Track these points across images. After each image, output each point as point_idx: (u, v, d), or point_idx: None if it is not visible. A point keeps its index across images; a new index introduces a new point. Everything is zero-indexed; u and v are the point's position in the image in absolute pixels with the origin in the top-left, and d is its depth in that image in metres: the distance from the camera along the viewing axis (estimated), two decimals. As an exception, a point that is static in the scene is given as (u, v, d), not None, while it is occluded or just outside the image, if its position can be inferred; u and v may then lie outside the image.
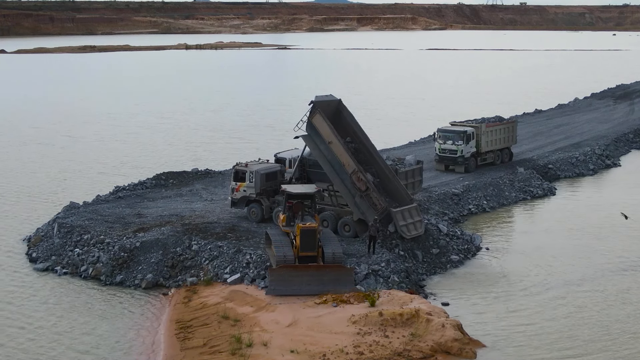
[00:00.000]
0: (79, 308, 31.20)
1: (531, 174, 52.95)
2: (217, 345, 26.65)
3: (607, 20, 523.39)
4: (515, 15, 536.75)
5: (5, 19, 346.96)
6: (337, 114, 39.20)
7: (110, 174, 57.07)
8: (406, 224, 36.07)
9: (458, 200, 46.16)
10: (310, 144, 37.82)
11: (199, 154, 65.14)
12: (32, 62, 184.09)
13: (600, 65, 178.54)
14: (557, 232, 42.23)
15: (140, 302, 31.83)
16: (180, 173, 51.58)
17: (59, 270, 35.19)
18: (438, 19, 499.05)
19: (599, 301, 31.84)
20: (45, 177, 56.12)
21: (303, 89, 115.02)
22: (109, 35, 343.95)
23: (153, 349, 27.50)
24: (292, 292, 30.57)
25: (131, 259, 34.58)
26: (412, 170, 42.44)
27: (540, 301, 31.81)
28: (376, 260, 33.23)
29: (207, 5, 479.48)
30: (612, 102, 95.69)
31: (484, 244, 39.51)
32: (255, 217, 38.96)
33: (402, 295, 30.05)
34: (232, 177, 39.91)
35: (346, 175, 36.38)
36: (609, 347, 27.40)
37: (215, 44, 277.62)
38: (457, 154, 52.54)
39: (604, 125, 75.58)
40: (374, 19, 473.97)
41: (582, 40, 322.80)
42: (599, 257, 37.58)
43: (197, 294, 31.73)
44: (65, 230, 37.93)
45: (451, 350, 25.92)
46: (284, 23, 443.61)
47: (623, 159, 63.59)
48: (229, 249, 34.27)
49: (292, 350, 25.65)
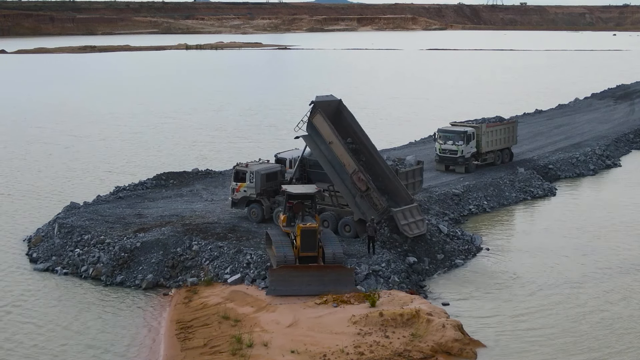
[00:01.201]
0: (79, 308, 31.19)
1: (531, 174, 52.94)
2: (217, 345, 26.65)
3: (608, 20, 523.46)
4: (516, 15, 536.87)
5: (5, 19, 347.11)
6: (337, 114, 39.22)
7: (116, 172, 57.35)
8: (407, 223, 36.08)
9: (458, 201, 46.16)
10: (310, 144, 37.82)
11: (205, 154, 65.36)
12: (33, 63, 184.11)
13: (600, 65, 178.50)
14: (558, 232, 42.23)
15: (140, 303, 31.82)
16: (180, 173, 51.60)
17: (60, 271, 35.19)
18: (438, 19, 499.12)
19: (600, 301, 31.82)
20: (47, 176, 56.12)
21: (305, 88, 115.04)
22: (109, 35, 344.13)
23: (153, 349, 27.49)
24: (293, 292, 30.57)
25: (131, 259, 34.58)
26: (413, 170, 42.41)
27: (540, 301, 31.80)
28: (376, 261, 33.23)
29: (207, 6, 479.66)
30: (612, 103, 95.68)
31: (485, 245, 39.50)
32: (256, 217, 38.96)
33: (403, 295, 30.06)
34: (233, 177, 39.91)
35: (347, 175, 36.39)
36: (610, 347, 27.38)
37: (215, 44, 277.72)
38: (458, 154, 52.53)
39: (605, 126, 75.58)
40: (374, 19, 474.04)
41: (582, 40, 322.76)
42: (599, 257, 37.57)
43: (197, 294, 31.73)
44: (66, 231, 37.94)
45: (452, 350, 25.93)
46: (284, 23, 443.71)
47: (623, 159, 63.58)
48: (229, 250, 34.27)
49: (293, 350, 25.65)
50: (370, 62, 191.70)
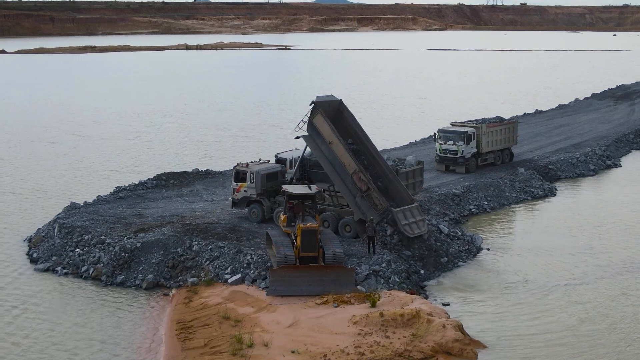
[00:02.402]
0: (79, 308, 31.19)
1: (532, 175, 52.93)
2: (218, 345, 26.65)
3: (608, 20, 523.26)
4: (516, 15, 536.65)
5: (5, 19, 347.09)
6: (338, 114, 39.21)
7: (122, 172, 57.57)
8: (408, 222, 36.09)
9: (459, 201, 46.16)
10: (311, 144, 37.82)
11: (211, 153, 65.68)
12: (33, 63, 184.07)
13: (600, 65, 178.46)
14: (558, 232, 42.23)
15: (141, 303, 31.83)
16: (181, 173, 51.62)
17: (60, 271, 35.17)
18: (438, 19, 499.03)
19: (601, 301, 31.82)
20: (48, 176, 56.10)
21: (307, 88, 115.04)
22: (110, 35, 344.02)
23: (154, 349, 27.49)
24: (293, 292, 30.57)
25: (132, 259, 34.58)
26: (413, 170, 42.44)
27: (541, 301, 31.80)
28: (377, 261, 33.23)
29: (207, 6, 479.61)
30: (612, 103, 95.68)
31: (485, 245, 39.50)
32: (256, 217, 38.95)
33: (403, 295, 30.06)
34: (233, 177, 39.90)
35: (347, 175, 36.38)
36: (612, 346, 27.38)
37: (215, 44, 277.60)
38: (458, 155, 52.53)
39: (605, 126, 75.57)
40: (374, 20, 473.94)
41: (582, 40, 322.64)
42: (600, 257, 37.57)
43: (198, 295, 31.73)
44: (66, 231, 37.93)
45: (452, 350, 25.92)
46: (284, 23, 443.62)
47: (624, 160, 63.58)
48: (229, 250, 34.27)
49: (293, 350, 25.64)
50: (370, 62, 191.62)
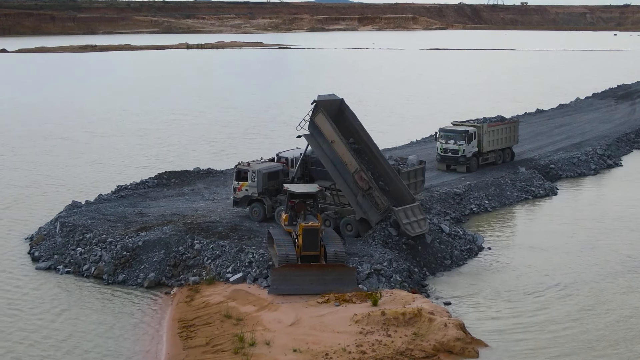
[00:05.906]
0: (80, 307, 31.22)
1: (533, 174, 52.95)
2: (219, 344, 26.68)
3: (608, 20, 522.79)
4: (516, 15, 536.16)
5: (6, 18, 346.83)
6: (339, 114, 39.23)
7: (134, 166, 58.00)
8: (410, 222, 36.10)
9: (460, 200, 46.17)
10: (312, 143, 37.85)
11: (223, 148, 66.33)
12: (34, 62, 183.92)
13: (601, 65, 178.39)
14: (559, 231, 42.25)
15: (142, 301, 31.86)
16: (182, 172, 51.63)
17: (61, 269, 35.21)
18: (439, 18, 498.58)
19: (602, 300, 31.84)
20: (50, 176, 56.13)
21: (309, 88, 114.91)
22: (110, 34, 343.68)
23: (156, 347, 27.52)
24: (295, 291, 30.60)
25: (133, 258, 34.60)
26: (415, 170, 42.47)
27: (542, 300, 31.82)
28: (378, 260, 33.25)
29: (208, 5, 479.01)
30: (613, 102, 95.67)
31: (486, 244, 39.52)
32: (258, 216, 38.97)
33: (405, 294, 30.08)
34: (234, 176, 39.92)
35: (348, 174, 36.40)
36: (613, 346, 27.39)
37: (216, 43, 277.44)
38: (459, 154, 52.53)
39: (606, 125, 75.57)
40: (375, 19, 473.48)
41: (583, 40, 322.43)
42: (601, 256, 37.59)
43: (199, 293, 31.76)
44: (68, 229, 37.96)
45: (453, 349, 25.95)
46: (285, 23, 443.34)
47: (625, 159, 63.59)
48: (231, 248, 34.29)
49: (295, 349, 25.67)
50: (371, 61, 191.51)
